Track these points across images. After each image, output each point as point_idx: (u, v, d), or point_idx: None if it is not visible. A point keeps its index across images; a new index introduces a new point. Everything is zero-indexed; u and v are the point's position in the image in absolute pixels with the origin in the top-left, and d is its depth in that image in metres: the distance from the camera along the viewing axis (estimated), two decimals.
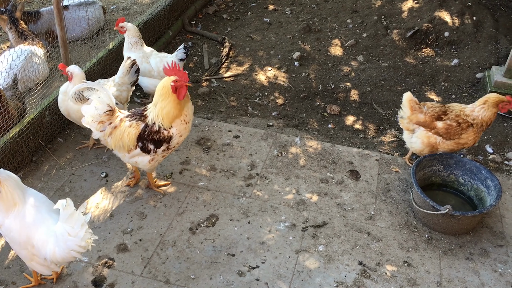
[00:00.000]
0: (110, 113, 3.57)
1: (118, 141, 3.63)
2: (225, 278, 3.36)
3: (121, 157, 3.77)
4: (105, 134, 3.62)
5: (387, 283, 3.38)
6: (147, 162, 3.72)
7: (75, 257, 2.88)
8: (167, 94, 3.51)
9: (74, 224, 2.76)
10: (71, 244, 2.79)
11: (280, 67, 5.74)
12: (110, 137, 3.63)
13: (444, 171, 4.10)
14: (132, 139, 3.60)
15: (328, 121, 5.03)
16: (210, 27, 6.57)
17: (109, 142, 3.66)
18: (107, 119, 3.58)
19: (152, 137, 3.59)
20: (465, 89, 5.45)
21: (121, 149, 3.67)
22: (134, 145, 3.62)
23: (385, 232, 3.74)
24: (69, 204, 2.74)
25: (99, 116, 3.55)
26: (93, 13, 5.78)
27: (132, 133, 3.60)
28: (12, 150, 3.93)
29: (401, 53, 5.92)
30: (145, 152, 3.65)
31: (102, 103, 3.53)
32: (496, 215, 3.95)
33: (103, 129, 3.60)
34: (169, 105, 3.54)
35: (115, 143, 3.65)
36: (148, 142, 3.60)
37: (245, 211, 3.87)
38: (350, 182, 4.18)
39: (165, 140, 3.63)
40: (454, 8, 6.22)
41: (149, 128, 3.58)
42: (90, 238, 2.84)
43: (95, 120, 3.56)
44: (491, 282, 3.43)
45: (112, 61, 4.99)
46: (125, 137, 3.60)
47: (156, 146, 3.63)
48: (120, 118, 3.63)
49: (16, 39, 5.09)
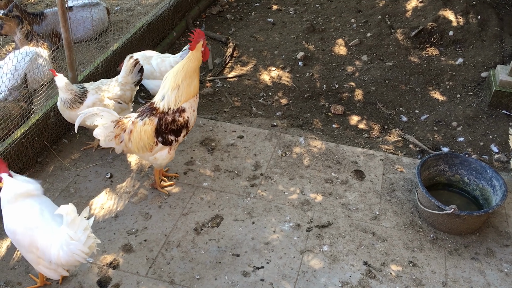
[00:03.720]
0: (119, 123, 3.58)
1: (139, 143, 3.63)
2: (230, 279, 3.36)
3: (144, 158, 3.79)
4: (125, 143, 3.62)
5: (392, 283, 3.37)
6: (166, 154, 3.73)
7: (80, 261, 2.88)
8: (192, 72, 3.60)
9: (76, 229, 2.76)
10: (74, 248, 2.79)
11: (284, 67, 5.74)
12: (130, 142, 3.63)
13: (449, 170, 4.09)
14: (150, 136, 3.61)
15: (333, 121, 5.03)
16: (214, 27, 6.57)
17: (131, 148, 3.66)
18: (121, 129, 3.59)
19: (170, 128, 3.61)
20: (470, 88, 5.43)
21: (143, 149, 3.67)
22: (154, 141, 3.62)
23: (390, 232, 3.74)
24: (72, 209, 2.74)
25: (112, 133, 3.56)
26: (98, 14, 5.79)
27: (148, 130, 3.59)
28: (17, 151, 3.94)
29: (405, 52, 5.91)
30: (167, 144, 3.66)
31: (107, 121, 3.54)
32: (501, 214, 3.93)
33: (122, 140, 3.61)
34: (195, 81, 3.62)
35: (137, 146, 3.65)
36: (168, 134, 3.62)
37: (250, 211, 3.87)
38: (354, 182, 4.17)
39: (183, 126, 3.65)
40: (459, 7, 6.20)
41: (163, 120, 3.59)
42: (94, 242, 2.85)
43: (110, 138, 3.57)
44: (497, 282, 3.41)
45: (117, 62, 5.00)
46: (143, 137, 3.61)
47: (176, 135, 3.65)
48: (131, 121, 3.63)
49: (21, 40, 5.11)
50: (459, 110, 5.13)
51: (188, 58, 3.65)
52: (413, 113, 5.14)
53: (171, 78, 3.62)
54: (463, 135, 4.85)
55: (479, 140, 4.79)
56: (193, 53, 3.64)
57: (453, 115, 5.08)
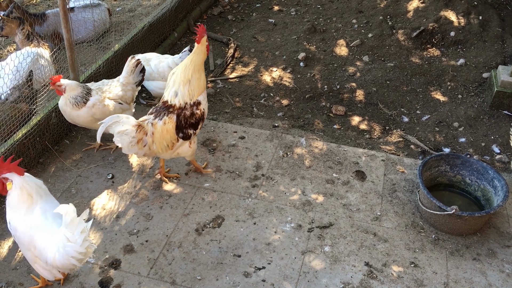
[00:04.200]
0: (140, 127, 3.59)
1: (162, 143, 3.67)
2: (231, 279, 3.36)
3: (166, 157, 3.84)
4: (149, 145, 3.64)
5: (393, 284, 3.37)
6: (188, 148, 3.80)
7: (74, 264, 2.85)
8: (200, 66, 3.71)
9: (74, 231, 2.76)
10: (70, 250, 2.78)
11: (285, 67, 5.74)
12: (154, 144, 3.65)
13: (450, 171, 4.09)
14: (172, 134, 3.67)
15: (334, 121, 5.03)
16: (215, 28, 6.57)
17: (155, 149, 3.68)
18: (143, 133, 3.60)
19: (189, 122, 3.70)
20: (472, 89, 5.42)
21: (166, 149, 3.72)
22: (175, 138, 3.69)
23: (392, 233, 3.73)
24: (72, 209, 2.74)
25: (134, 138, 3.55)
26: (99, 15, 5.80)
27: (170, 128, 3.65)
28: (19, 152, 3.95)
29: (406, 53, 5.91)
30: (187, 139, 3.74)
31: (128, 127, 3.53)
32: (503, 215, 3.93)
33: (145, 143, 3.62)
34: (203, 74, 3.74)
35: (160, 146, 3.68)
36: (187, 128, 3.70)
37: (251, 212, 3.87)
38: (356, 183, 4.17)
39: (201, 118, 3.78)
40: (460, 8, 6.20)
41: (182, 115, 3.66)
42: (90, 246, 2.84)
43: (133, 143, 3.57)
44: (499, 283, 3.41)
45: (118, 62, 5.01)
46: (166, 136, 3.66)
47: (195, 128, 3.77)
48: (150, 123, 3.64)
49: (22, 41, 5.11)
50: (460, 111, 5.12)
51: (195, 53, 3.71)
52: (414, 114, 5.14)
53: (180, 73, 3.67)
54: (464, 135, 4.85)
55: (481, 140, 4.79)
56: (199, 47, 3.70)
57: (455, 115, 5.07)
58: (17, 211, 2.92)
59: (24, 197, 2.90)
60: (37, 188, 2.96)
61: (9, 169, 2.91)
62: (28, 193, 2.91)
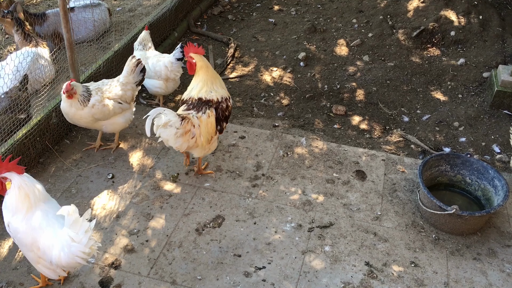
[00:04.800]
0: (186, 120, 3.67)
1: (206, 136, 3.81)
2: (232, 279, 3.36)
3: (200, 151, 3.93)
4: (196, 137, 3.74)
5: (394, 284, 3.37)
6: (215, 144, 4.04)
7: (80, 263, 2.87)
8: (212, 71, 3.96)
9: (78, 230, 2.76)
10: (75, 250, 2.79)
11: (286, 67, 5.74)
12: (201, 136, 3.77)
13: (451, 171, 4.08)
14: (213, 126, 3.85)
15: (334, 121, 5.02)
16: (215, 28, 6.57)
17: (201, 141, 3.78)
18: (191, 124, 3.69)
19: (225, 115, 3.92)
20: (472, 89, 5.42)
21: (208, 141, 3.87)
22: (214, 131, 3.86)
23: (392, 233, 3.73)
24: (74, 210, 2.74)
25: (179, 129, 3.62)
26: (99, 15, 5.80)
27: (212, 121, 3.82)
28: (19, 151, 3.95)
29: (407, 52, 5.91)
30: (221, 132, 3.95)
31: (172, 117, 3.59)
32: (503, 215, 3.92)
33: (193, 135, 3.71)
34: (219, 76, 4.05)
35: (206, 138, 3.82)
36: (223, 121, 3.91)
37: (251, 211, 3.87)
38: (356, 183, 4.17)
39: (230, 111, 4.00)
40: (460, 7, 6.19)
41: (220, 108, 3.87)
42: (94, 245, 2.84)
43: (179, 135, 3.64)
44: (499, 283, 3.41)
45: (118, 62, 5.01)
46: (209, 129, 3.82)
47: (226, 121, 3.96)
48: (195, 117, 3.76)
49: (21, 41, 5.11)
50: (460, 110, 5.12)
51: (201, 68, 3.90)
52: (414, 113, 5.14)
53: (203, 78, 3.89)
54: (464, 135, 4.85)
55: (481, 140, 4.79)
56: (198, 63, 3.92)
57: (455, 115, 5.07)
58: (17, 213, 2.91)
59: (22, 198, 2.89)
60: (35, 190, 2.95)
61: (8, 168, 2.90)
62: (25, 194, 2.89)
